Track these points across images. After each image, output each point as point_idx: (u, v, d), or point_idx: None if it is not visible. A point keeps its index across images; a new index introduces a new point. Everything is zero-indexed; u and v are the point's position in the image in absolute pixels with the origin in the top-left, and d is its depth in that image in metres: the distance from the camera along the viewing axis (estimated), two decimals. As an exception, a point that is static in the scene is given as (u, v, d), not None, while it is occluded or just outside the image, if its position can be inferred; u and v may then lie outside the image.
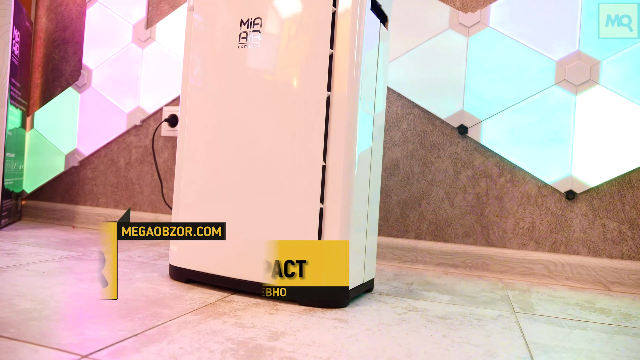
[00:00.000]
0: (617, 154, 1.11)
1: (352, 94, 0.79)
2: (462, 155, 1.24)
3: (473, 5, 1.24)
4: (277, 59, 0.83)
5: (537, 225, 1.18)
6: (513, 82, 1.19)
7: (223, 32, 0.88)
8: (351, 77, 0.79)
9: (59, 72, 1.71)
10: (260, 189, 0.83)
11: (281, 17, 0.83)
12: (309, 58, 0.80)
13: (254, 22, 0.85)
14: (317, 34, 0.80)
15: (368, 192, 0.87)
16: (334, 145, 0.79)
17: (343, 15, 0.79)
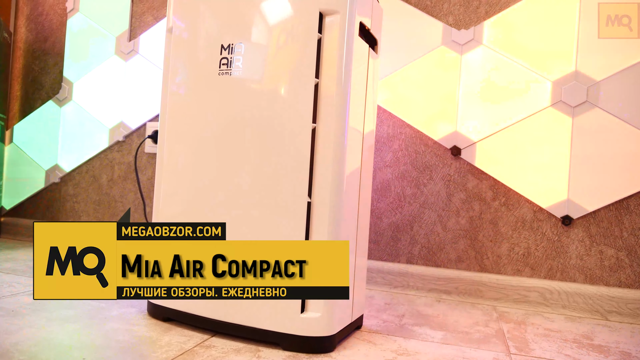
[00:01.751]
0: (615, 178, 1.08)
1: (339, 126, 0.75)
2: (455, 177, 1.20)
3: (466, 22, 1.20)
4: (260, 88, 0.78)
5: (532, 250, 1.14)
6: (508, 102, 1.15)
7: (203, 58, 0.83)
8: (338, 109, 0.74)
9: (39, 84, 1.65)
10: (242, 231, 0.78)
11: (264, 44, 0.78)
12: (294, 87, 0.76)
13: (234, 48, 0.80)
14: (302, 62, 0.75)
15: (357, 215, 0.83)
16: (319, 182, 0.74)
17: (329, 43, 0.75)
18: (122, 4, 1.53)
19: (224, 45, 0.81)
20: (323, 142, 0.74)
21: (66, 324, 0.80)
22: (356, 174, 0.81)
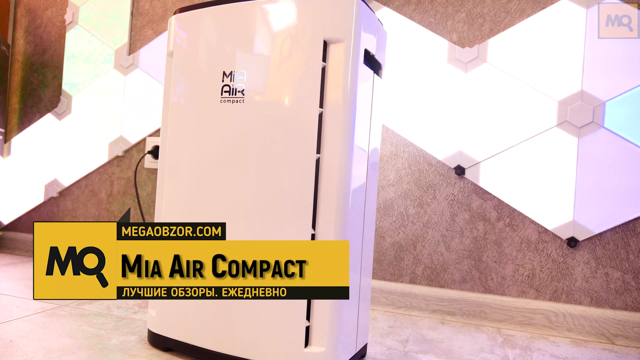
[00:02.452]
0: (621, 200, 1.06)
1: (344, 157, 0.73)
2: (459, 197, 1.18)
3: (470, 39, 1.18)
4: (263, 116, 0.76)
5: (537, 272, 1.12)
6: (513, 122, 1.14)
7: (204, 84, 0.81)
8: (342, 141, 0.73)
9: (38, 97, 1.63)
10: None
11: (266, 71, 0.77)
12: (298, 116, 0.74)
13: (237, 75, 0.78)
14: (306, 91, 0.74)
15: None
16: (324, 216, 0.73)
17: (333, 71, 0.73)
18: (122, 17, 1.51)
19: (226, 72, 0.79)
20: (327, 173, 0.73)
21: (65, 356, 0.79)
22: (361, 193, 0.79)
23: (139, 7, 1.51)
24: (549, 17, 1.12)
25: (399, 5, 1.24)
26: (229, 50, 0.79)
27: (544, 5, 1.13)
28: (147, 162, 1.46)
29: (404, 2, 1.23)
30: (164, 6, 1.47)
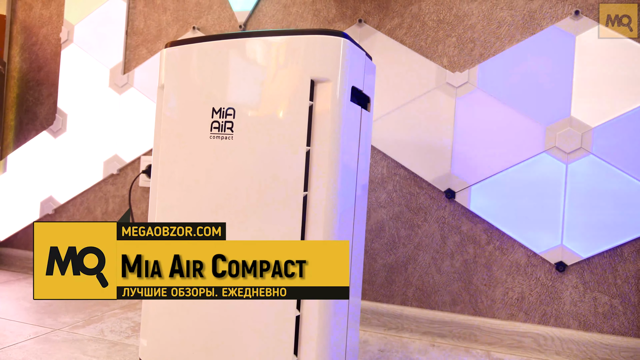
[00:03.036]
0: (609, 225, 1.08)
1: (330, 194, 0.74)
2: (449, 220, 1.19)
3: (461, 64, 1.19)
4: (251, 153, 0.78)
5: (526, 295, 1.14)
6: (502, 147, 1.15)
7: (194, 120, 0.82)
8: (329, 178, 0.74)
9: (33, 114, 1.64)
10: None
11: (255, 109, 0.78)
12: (285, 155, 0.75)
13: (226, 112, 0.79)
14: (293, 130, 0.75)
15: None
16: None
17: (321, 109, 0.74)
18: (116, 36, 1.52)
19: (215, 109, 0.80)
20: (314, 211, 0.74)
21: (56, 388, 0.80)
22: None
23: (133, 26, 1.52)
24: (539, 44, 1.13)
25: (390, 29, 1.25)
26: (219, 86, 0.81)
27: (533, 32, 1.14)
28: (141, 181, 1.47)
29: (396, 25, 1.24)
30: (158, 26, 1.48)
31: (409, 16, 1.23)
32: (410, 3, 1.23)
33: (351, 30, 1.28)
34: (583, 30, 1.10)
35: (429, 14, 1.22)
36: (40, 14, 1.64)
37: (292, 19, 1.34)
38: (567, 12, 1.12)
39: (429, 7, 1.22)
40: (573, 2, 1.11)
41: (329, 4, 1.31)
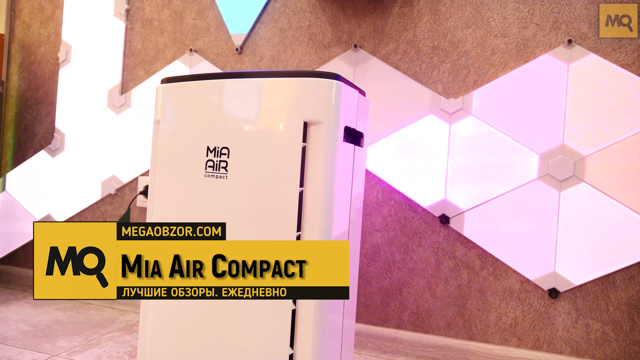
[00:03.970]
0: (602, 253, 1.09)
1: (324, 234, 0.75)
2: (443, 244, 1.21)
3: (455, 90, 1.20)
4: (245, 193, 0.79)
5: (519, 321, 1.15)
6: (496, 173, 1.16)
7: (189, 158, 0.83)
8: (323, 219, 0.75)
9: (32, 133, 1.65)
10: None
11: (249, 149, 0.79)
12: (278, 195, 0.76)
13: (221, 151, 0.80)
14: (286, 170, 0.76)
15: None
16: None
17: (313, 151, 0.75)
18: (114, 56, 1.53)
19: (210, 147, 0.81)
20: (307, 251, 0.75)
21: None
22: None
23: (131, 47, 1.52)
24: (532, 71, 1.14)
25: (385, 54, 1.26)
26: (213, 125, 0.82)
27: (526, 59, 1.15)
28: (139, 201, 1.48)
29: (391, 51, 1.25)
30: (156, 47, 1.49)
31: (403, 42, 1.24)
32: (405, 29, 1.24)
33: (346, 55, 1.29)
34: (576, 59, 1.11)
35: (424, 40, 1.23)
36: (38, 33, 1.65)
37: (289, 42, 1.35)
38: (560, 40, 1.13)
39: (424, 34, 1.23)
40: (566, 31, 1.12)
41: (325, 29, 1.32)
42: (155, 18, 1.50)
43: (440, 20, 1.22)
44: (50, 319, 1.35)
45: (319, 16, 1.32)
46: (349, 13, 1.29)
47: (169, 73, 1.47)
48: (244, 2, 1.39)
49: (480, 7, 1.19)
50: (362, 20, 1.28)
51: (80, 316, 1.40)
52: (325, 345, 0.76)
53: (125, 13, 1.52)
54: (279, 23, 1.36)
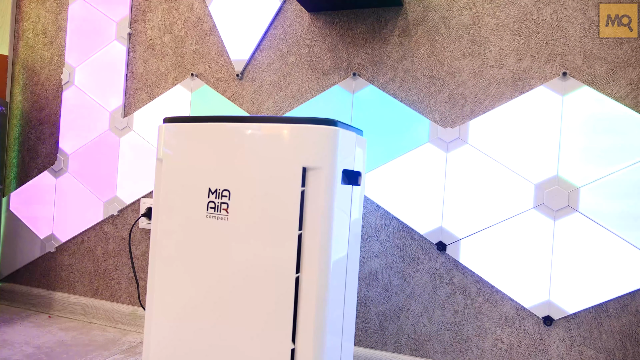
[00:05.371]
0: (595, 282, 1.11)
1: (322, 274, 0.78)
2: (440, 271, 1.23)
3: (452, 120, 1.22)
4: (245, 235, 0.81)
5: (515, 347, 1.17)
6: (492, 202, 1.18)
7: (191, 198, 0.85)
8: (321, 261, 0.77)
9: (35, 153, 1.68)
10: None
11: (249, 193, 0.81)
12: (278, 237, 0.78)
13: (222, 193, 0.82)
14: (286, 214, 0.78)
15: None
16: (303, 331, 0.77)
17: (312, 195, 0.78)
18: (116, 79, 1.56)
19: (211, 189, 0.83)
20: (306, 293, 0.77)
21: None
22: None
23: (133, 70, 1.55)
24: (527, 103, 1.16)
25: (383, 82, 1.28)
26: (214, 168, 0.84)
27: (522, 91, 1.17)
28: (141, 223, 1.51)
29: (389, 80, 1.27)
30: (157, 71, 1.51)
31: (401, 71, 1.27)
32: (403, 58, 1.27)
33: (345, 82, 1.31)
34: (570, 91, 1.13)
35: (421, 70, 1.25)
36: (41, 55, 1.67)
37: (288, 69, 1.37)
38: (555, 72, 1.15)
39: (421, 63, 1.25)
40: (561, 63, 1.14)
41: (324, 56, 1.34)
42: (157, 42, 1.52)
43: (438, 50, 1.24)
44: (54, 341, 1.38)
45: (318, 44, 1.34)
46: (347, 41, 1.32)
47: (171, 97, 1.49)
48: (244, 29, 1.41)
49: (477, 38, 1.21)
50: (361, 48, 1.30)
51: (83, 337, 1.42)
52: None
53: (127, 37, 1.54)
54: (279, 50, 1.38)
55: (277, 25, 1.39)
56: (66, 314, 1.60)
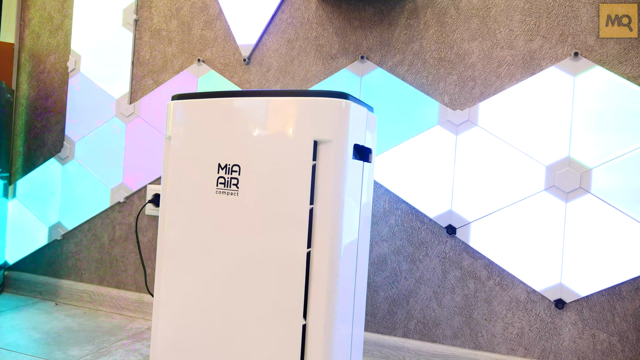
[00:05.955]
0: (608, 264, 1.09)
1: (334, 251, 0.77)
2: (450, 255, 1.22)
3: (461, 102, 1.21)
4: (256, 210, 0.80)
5: (526, 331, 1.16)
6: (503, 184, 1.17)
7: (200, 174, 0.85)
8: (332, 236, 0.76)
9: (41, 141, 1.67)
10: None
11: (260, 167, 0.80)
12: (289, 211, 0.78)
13: (232, 168, 0.82)
14: (297, 188, 0.77)
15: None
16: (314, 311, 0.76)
17: (323, 169, 0.77)
18: (123, 66, 1.55)
19: (221, 165, 0.82)
20: (317, 268, 0.76)
21: None
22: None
23: (139, 57, 1.54)
24: (538, 84, 1.15)
25: (392, 65, 1.27)
26: (224, 143, 0.83)
27: (533, 72, 1.16)
28: (147, 209, 1.50)
29: (398, 63, 1.26)
30: (164, 57, 1.51)
31: (410, 53, 1.25)
32: (412, 41, 1.25)
33: (353, 66, 1.30)
34: (582, 71, 1.12)
35: (430, 52, 1.24)
36: (47, 43, 1.67)
37: (296, 53, 1.36)
38: (567, 53, 1.13)
39: (430, 45, 1.24)
40: (572, 44, 1.13)
41: (332, 40, 1.33)
42: (164, 28, 1.51)
43: (447, 32, 1.23)
44: (61, 326, 1.37)
45: (326, 27, 1.33)
46: (355, 25, 1.31)
47: (177, 83, 1.48)
48: (251, 13, 1.40)
49: (486, 20, 1.20)
50: (369, 31, 1.29)
51: (90, 323, 1.42)
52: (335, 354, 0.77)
53: (133, 23, 1.54)
54: (286, 34, 1.37)
55: (284, 10, 1.38)
56: (73, 301, 1.60)
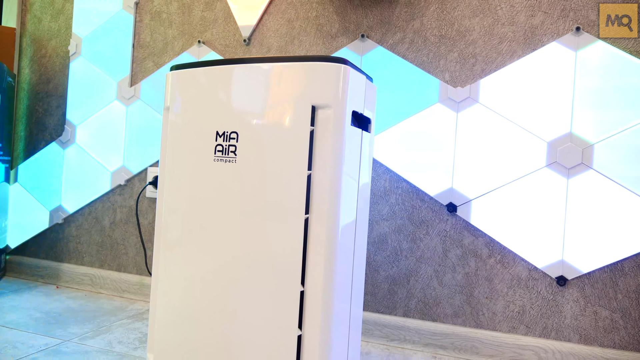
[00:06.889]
0: (610, 241, 1.08)
1: (332, 218, 0.76)
2: (451, 233, 1.21)
3: (462, 79, 1.20)
4: (254, 177, 0.80)
5: (527, 309, 1.15)
6: (504, 161, 1.16)
7: (199, 142, 0.84)
8: (331, 203, 0.76)
9: (43, 125, 1.67)
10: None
11: (258, 134, 0.80)
12: (287, 178, 0.77)
13: (229, 135, 0.81)
14: (295, 154, 0.77)
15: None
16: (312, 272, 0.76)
17: (322, 135, 0.76)
18: (123, 49, 1.55)
19: (219, 132, 0.82)
20: (316, 234, 0.76)
21: (67, 403, 0.83)
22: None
23: (140, 39, 1.54)
24: (540, 60, 1.14)
25: (392, 43, 1.26)
26: (222, 111, 0.83)
27: (534, 48, 1.15)
28: (148, 192, 1.50)
29: (398, 40, 1.26)
30: (164, 39, 1.51)
31: (410, 31, 1.25)
32: (412, 18, 1.25)
33: (354, 45, 1.29)
34: (584, 46, 1.11)
35: (431, 30, 1.23)
36: (49, 27, 1.67)
37: (296, 33, 1.36)
38: (568, 28, 1.12)
39: (431, 23, 1.23)
40: (574, 19, 1.12)
41: (332, 19, 1.32)
42: (164, 10, 1.51)
43: (448, 9, 1.22)
44: (61, 307, 1.38)
45: (326, 7, 1.33)
46: (355, 3, 1.30)
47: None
48: (251, -6, 1.39)
49: (487, -4, 1.19)
50: (369, 10, 1.29)
51: (91, 304, 1.42)
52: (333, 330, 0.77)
53: (134, 6, 1.54)
54: (287, 14, 1.37)
55: (285, -10, 1.38)
56: (74, 284, 1.60)
